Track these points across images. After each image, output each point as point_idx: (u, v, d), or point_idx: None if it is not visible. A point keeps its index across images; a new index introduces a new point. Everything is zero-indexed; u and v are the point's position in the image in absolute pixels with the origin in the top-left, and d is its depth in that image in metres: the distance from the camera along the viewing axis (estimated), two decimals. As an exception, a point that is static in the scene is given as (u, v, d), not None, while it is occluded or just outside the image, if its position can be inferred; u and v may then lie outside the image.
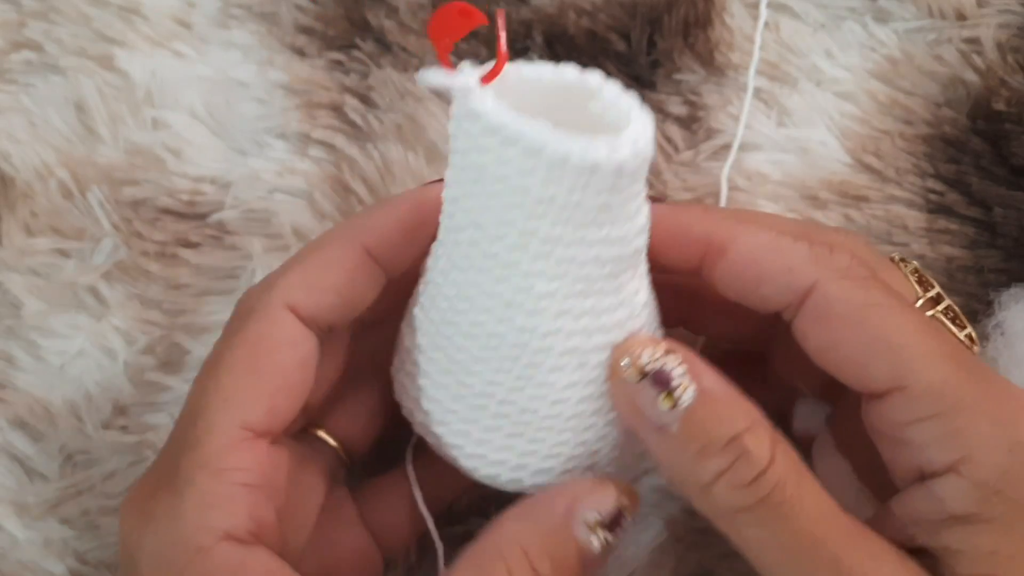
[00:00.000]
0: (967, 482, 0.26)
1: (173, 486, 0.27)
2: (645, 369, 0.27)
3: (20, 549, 0.37)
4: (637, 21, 0.44)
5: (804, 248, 0.28)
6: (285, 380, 0.29)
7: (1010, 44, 0.43)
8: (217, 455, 0.27)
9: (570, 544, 0.28)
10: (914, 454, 0.27)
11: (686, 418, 0.26)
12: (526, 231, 0.26)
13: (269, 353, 0.29)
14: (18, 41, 0.44)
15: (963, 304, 0.39)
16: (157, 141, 0.42)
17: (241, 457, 0.27)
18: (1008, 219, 0.40)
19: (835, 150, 0.42)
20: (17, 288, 0.40)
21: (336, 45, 0.44)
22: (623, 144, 0.24)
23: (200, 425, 0.28)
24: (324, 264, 0.30)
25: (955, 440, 0.26)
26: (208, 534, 0.26)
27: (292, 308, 0.29)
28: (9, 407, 0.39)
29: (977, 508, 0.26)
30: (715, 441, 0.26)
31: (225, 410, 0.28)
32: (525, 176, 0.25)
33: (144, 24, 0.44)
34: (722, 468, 0.26)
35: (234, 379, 0.28)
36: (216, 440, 0.27)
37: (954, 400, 0.26)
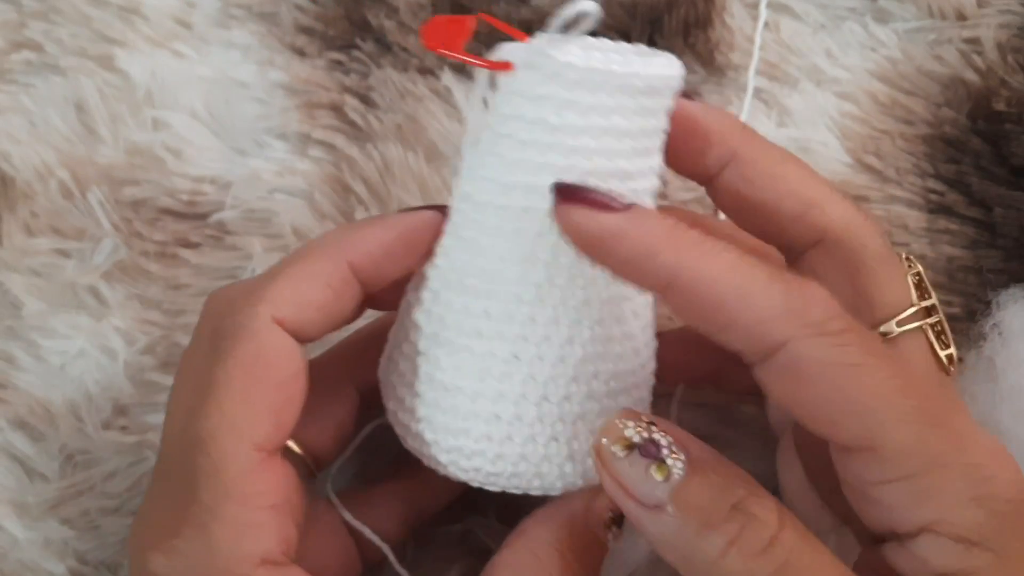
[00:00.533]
0: (946, 540, 0.25)
1: (199, 520, 0.26)
2: (632, 441, 0.25)
3: (20, 549, 0.37)
4: (637, 21, 0.44)
5: (777, 298, 0.25)
6: (286, 395, 0.29)
7: (1010, 44, 0.43)
8: (239, 482, 0.27)
9: (591, 541, 0.29)
10: (884, 514, 0.26)
11: (680, 490, 0.25)
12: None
13: (267, 370, 0.28)
14: (18, 41, 0.44)
15: (963, 304, 0.39)
16: (157, 141, 0.42)
17: (262, 480, 0.27)
18: (1008, 219, 0.40)
19: (835, 150, 0.42)
20: (17, 288, 0.40)
21: (336, 45, 0.44)
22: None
23: (214, 454, 0.27)
24: (310, 278, 0.29)
25: (927, 502, 0.25)
26: (245, 563, 0.26)
27: (279, 322, 0.29)
28: (9, 407, 0.39)
29: (961, 564, 0.25)
30: (718, 511, 0.24)
31: (236, 435, 0.27)
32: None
33: (144, 24, 0.44)
34: (731, 538, 0.24)
35: (238, 402, 0.27)
36: (234, 467, 0.27)
37: (924, 460, 0.25)
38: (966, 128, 0.42)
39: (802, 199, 0.30)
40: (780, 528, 0.24)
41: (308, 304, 0.29)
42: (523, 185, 0.27)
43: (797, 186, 0.30)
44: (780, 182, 0.30)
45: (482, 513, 0.37)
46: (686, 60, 0.43)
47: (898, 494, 0.26)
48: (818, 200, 0.30)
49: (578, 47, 0.27)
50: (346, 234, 0.30)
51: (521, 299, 0.28)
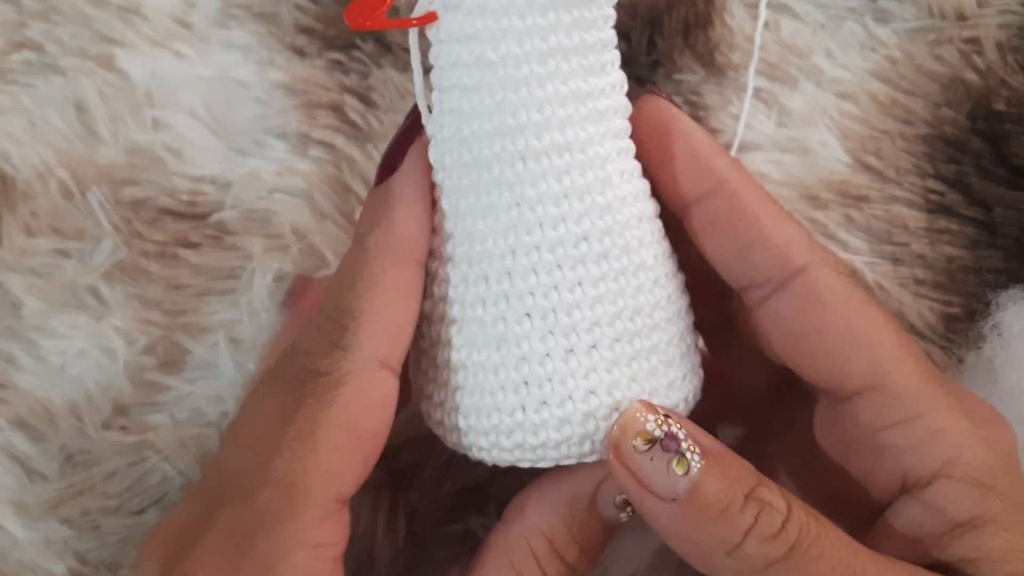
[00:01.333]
0: (962, 484, 0.25)
1: (264, 563, 0.25)
2: (653, 436, 0.25)
3: (20, 549, 0.37)
4: (637, 21, 0.44)
5: (804, 232, 0.28)
6: (378, 445, 0.27)
7: (1010, 44, 0.43)
8: (313, 531, 0.26)
9: (595, 524, 0.28)
10: (895, 460, 0.26)
11: (699, 482, 0.25)
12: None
13: (367, 420, 0.27)
14: (18, 41, 0.44)
15: (963, 304, 0.40)
16: (157, 141, 0.42)
17: (333, 531, 0.26)
18: (1008, 219, 0.40)
19: (835, 150, 0.42)
20: (17, 288, 0.40)
21: (336, 45, 0.44)
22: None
23: (297, 500, 0.26)
24: (397, 300, 0.28)
25: (939, 442, 0.26)
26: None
27: (384, 364, 0.27)
28: (9, 407, 0.39)
29: (979, 510, 0.25)
30: (735, 500, 0.25)
31: (325, 486, 0.26)
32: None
33: (144, 24, 0.44)
34: (748, 525, 0.25)
35: (336, 452, 0.26)
36: (312, 513, 0.26)
37: (930, 403, 0.26)
38: (966, 128, 0.42)
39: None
40: (789, 511, 0.25)
41: (402, 327, 0.28)
42: (485, 132, 0.26)
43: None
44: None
45: (482, 513, 0.37)
46: (686, 60, 0.43)
47: (910, 435, 0.26)
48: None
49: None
50: (396, 230, 0.28)
51: (515, 252, 0.27)
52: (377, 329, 0.27)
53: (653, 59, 0.43)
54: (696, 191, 0.28)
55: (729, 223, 0.27)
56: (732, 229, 0.27)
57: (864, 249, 0.40)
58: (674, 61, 0.43)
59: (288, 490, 0.26)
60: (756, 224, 0.27)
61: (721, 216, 0.27)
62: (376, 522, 0.38)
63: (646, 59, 0.43)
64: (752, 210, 0.27)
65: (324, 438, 0.26)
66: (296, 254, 0.40)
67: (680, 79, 0.43)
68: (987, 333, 0.37)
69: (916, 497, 0.26)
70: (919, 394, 0.26)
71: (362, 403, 0.27)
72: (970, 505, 0.25)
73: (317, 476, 0.26)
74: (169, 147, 0.42)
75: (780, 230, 0.27)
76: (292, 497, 0.26)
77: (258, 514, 0.26)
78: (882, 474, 0.27)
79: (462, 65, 0.26)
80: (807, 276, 0.27)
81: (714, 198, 0.27)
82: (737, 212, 0.27)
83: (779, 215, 0.28)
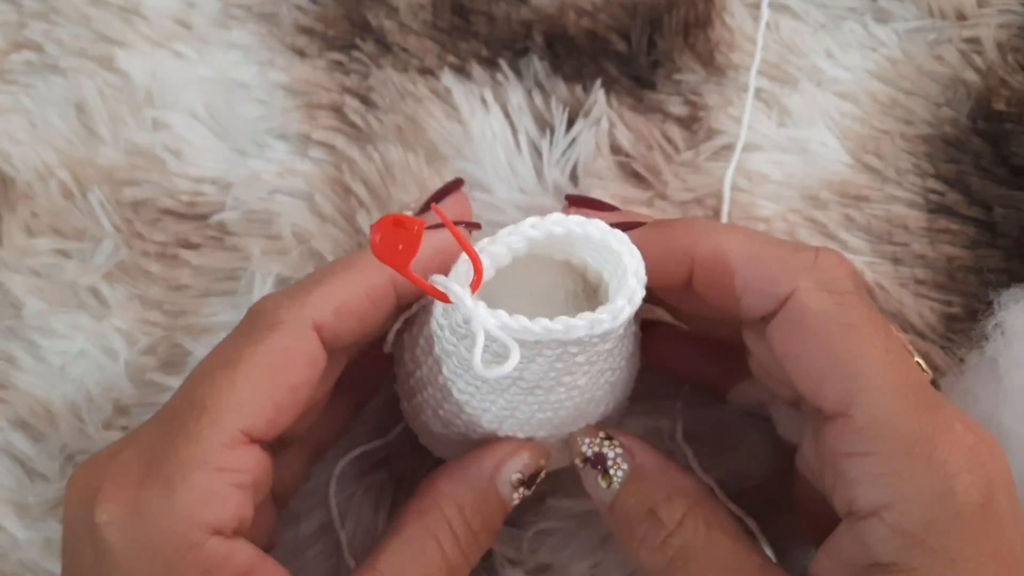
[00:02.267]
0: (889, 530, 0.26)
1: (168, 479, 0.27)
2: (585, 455, 0.32)
3: (21, 549, 0.37)
4: (637, 21, 0.44)
5: (787, 254, 0.29)
6: (294, 397, 0.29)
7: (1010, 44, 0.43)
8: (218, 454, 0.28)
9: (494, 499, 0.32)
10: (846, 488, 0.27)
11: (617, 497, 0.31)
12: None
13: (287, 369, 0.29)
14: (18, 41, 0.44)
15: (963, 304, 0.39)
16: (158, 142, 0.42)
17: (237, 459, 0.28)
18: (1008, 219, 0.40)
19: (835, 150, 0.42)
20: (18, 288, 0.40)
21: (336, 45, 0.44)
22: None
23: (204, 421, 0.28)
24: (356, 288, 0.31)
25: (884, 484, 0.26)
26: (199, 529, 0.27)
27: (318, 327, 0.30)
28: (10, 407, 0.39)
29: (898, 558, 0.26)
30: (637, 515, 0.30)
31: (234, 412, 0.28)
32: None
33: (144, 24, 0.44)
34: (641, 535, 0.30)
35: (250, 386, 0.28)
36: (218, 438, 0.28)
37: (893, 442, 0.26)
38: (966, 128, 0.42)
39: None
40: (677, 526, 0.30)
41: (349, 313, 0.30)
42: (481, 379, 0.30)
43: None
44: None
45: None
46: (686, 60, 0.43)
47: (861, 469, 0.27)
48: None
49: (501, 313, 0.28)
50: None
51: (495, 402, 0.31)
52: (325, 298, 0.30)
53: (653, 59, 0.43)
54: (682, 275, 0.31)
55: (714, 281, 0.30)
56: (718, 284, 0.30)
57: (864, 249, 0.40)
58: (674, 61, 0.43)
59: (199, 413, 0.28)
60: (736, 273, 0.29)
61: (708, 278, 0.30)
62: (376, 523, 0.38)
63: (646, 59, 0.43)
64: (730, 260, 0.29)
65: (244, 371, 0.28)
66: (296, 257, 0.40)
67: (680, 79, 0.43)
68: (990, 332, 0.37)
69: (852, 527, 0.27)
70: (882, 431, 0.26)
71: (288, 349, 0.29)
72: (892, 552, 0.26)
73: (228, 403, 0.28)
74: (169, 147, 0.42)
75: (761, 269, 0.29)
76: (202, 419, 0.28)
77: (169, 433, 0.28)
78: (835, 496, 0.28)
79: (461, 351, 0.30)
80: (793, 301, 0.28)
81: (701, 267, 0.30)
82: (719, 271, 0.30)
83: (758, 249, 0.29)
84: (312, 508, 0.38)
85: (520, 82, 0.43)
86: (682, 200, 0.41)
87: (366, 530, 0.38)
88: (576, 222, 0.29)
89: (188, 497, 0.27)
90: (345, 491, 0.38)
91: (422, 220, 0.27)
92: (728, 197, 0.41)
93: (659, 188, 0.41)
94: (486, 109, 0.42)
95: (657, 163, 0.42)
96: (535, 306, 0.34)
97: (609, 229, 0.29)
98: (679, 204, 0.41)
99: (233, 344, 0.29)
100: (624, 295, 0.28)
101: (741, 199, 0.41)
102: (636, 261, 0.29)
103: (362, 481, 0.38)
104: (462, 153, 0.42)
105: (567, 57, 0.43)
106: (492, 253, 0.29)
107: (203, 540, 0.27)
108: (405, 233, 0.26)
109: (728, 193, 0.41)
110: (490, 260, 0.29)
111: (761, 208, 0.41)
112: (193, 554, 0.26)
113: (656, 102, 0.43)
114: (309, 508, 0.38)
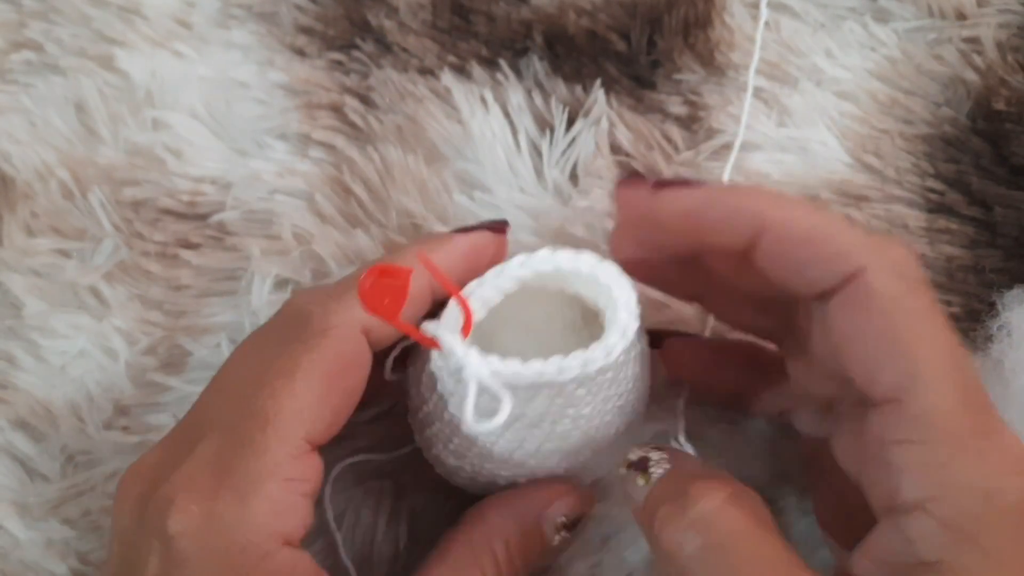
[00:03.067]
0: (936, 524, 0.25)
1: (241, 489, 0.27)
2: (630, 461, 0.31)
3: (22, 549, 0.37)
4: (637, 21, 0.44)
5: (858, 233, 0.28)
6: (350, 401, 0.30)
7: (1010, 44, 0.43)
8: (286, 464, 0.28)
9: (538, 537, 0.32)
10: (891, 478, 0.26)
11: (653, 488, 0.29)
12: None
13: (344, 374, 0.30)
14: (18, 41, 0.44)
15: (963, 304, 0.40)
16: (157, 142, 0.42)
17: (304, 468, 0.28)
18: (1008, 219, 0.40)
19: (835, 150, 0.42)
20: (18, 288, 0.40)
21: (336, 45, 0.44)
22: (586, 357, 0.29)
23: (270, 432, 0.28)
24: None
25: (932, 475, 0.25)
26: (273, 540, 0.27)
27: (366, 331, 0.30)
28: (10, 407, 0.39)
29: (945, 555, 0.25)
30: (670, 496, 0.28)
31: (298, 422, 0.28)
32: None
33: (144, 24, 0.44)
34: (668, 515, 0.28)
35: (310, 395, 0.29)
36: (285, 449, 0.28)
37: (945, 434, 0.25)
38: (966, 128, 0.42)
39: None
40: (718, 510, 0.27)
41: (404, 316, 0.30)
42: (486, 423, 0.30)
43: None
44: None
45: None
46: (686, 60, 0.43)
47: (909, 458, 0.26)
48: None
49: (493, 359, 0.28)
50: (431, 244, 0.32)
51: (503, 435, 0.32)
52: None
53: (653, 59, 0.43)
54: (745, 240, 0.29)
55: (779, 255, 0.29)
56: (784, 260, 0.29)
57: (864, 249, 0.40)
58: (674, 61, 0.43)
59: (265, 424, 0.28)
60: (805, 246, 0.28)
61: (774, 246, 0.29)
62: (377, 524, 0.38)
63: (646, 59, 0.43)
64: (800, 229, 0.28)
65: (303, 379, 0.29)
66: (296, 257, 0.40)
67: (680, 79, 0.43)
68: (995, 333, 0.37)
69: (895, 523, 0.26)
70: (937, 419, 0.25)
71: (342, 354, 0.29)
72: (938, 548, 0.25)
73: (292, 413, 0.28)
74: (169, 147, 0.42)
75: (831, 242, 0.28)
76: (268, 430, 0.28)
77: (237, 444, 0.28)
78: (876, 490, 0.27)
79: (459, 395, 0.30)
80: (860, 280, 0.27)
81: (769, 233, 0.28)
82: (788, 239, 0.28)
83: (828, 224, 0.28)
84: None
85: (520, 82, 0.43)
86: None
87: (365, 533, 0.38)
88: (564, 258, 0.30)
89: (261, 508, 0.27)
90: (344, 493, 0.38)
91: (409, 268, 0.28)
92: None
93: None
94: (486, 109, 0.42)
95: (657, 163, 0.42)
96: (532, 338, 0.34)
97: (598, 262, 0.30)
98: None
99: (288, 351, 0.29)
100: (616, 330, 0.29)
101: (741, 199, 0.41)
102: (627, 293, 0.29)
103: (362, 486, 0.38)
104: (462, 153, 0.42)
105: (567, 57, 0.43)
106: (481, 296, 0.30)
107: (275, 550, 0.27)
108: (393, 282, 0.26)
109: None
110: (480, 303, 0.29)
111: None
112: (265, 564, 0.27)
113: (656, 102, 0.43)
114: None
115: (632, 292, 0.29)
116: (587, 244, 0.40)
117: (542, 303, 0.33)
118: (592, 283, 0.30)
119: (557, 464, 0.33)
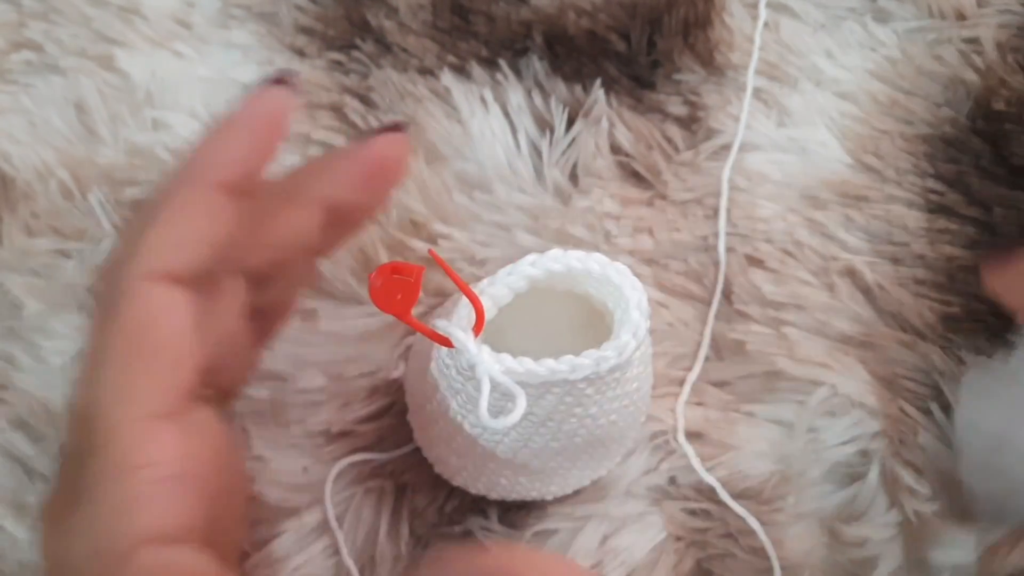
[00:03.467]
0: None
1: (89, 496, 0.25)
2: None
3: (20, 549, 0.37)
4: (637, 21, 0.44)
5: None
6: (172, 354, 0.26)
7: (1010, 44, 0.43)
8: (127, 455, 0.25)
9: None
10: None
11: None
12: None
13: (145, 334, 0.26)
14: (18, 41, 0.44)
15: (963, 304, 0.39)
16: (157, 142, 0.42)
17: (150, 451, 0.25)
18: (1008, 219, 0.40)
19: (835, 150, 0.42)
20: (18, 289, 0.40)
21: (336, 45, 0.44)
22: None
23: (101, 427, 0.25)
24: (183, 217, 0.27)
25: None
26: (125, 541, 0.24)
27: (164, 274, 0.27)
28: (10, 407, 0.39)
29: None
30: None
31: (122, 406, 0.25)
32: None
33: (144, 24, 0.44)
34: None
35: (120, 372, 0.26)
36: (122, 440, 0.25)
37: None
38: (966, 128, 0.42)
39: None
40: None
41: (191, 243, 0.27)
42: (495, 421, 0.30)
43: None
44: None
45: (484, 515, 0.37)
46: (686, 60, 0.43)
47: None
48: None
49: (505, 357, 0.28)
50: (201, 157, 0.28)
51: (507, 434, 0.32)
52: (159, 240, 0.27)
53: (653, 59, 0.43)
54: None
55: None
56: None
57: (864, 249, 0.40)
58: (674, 61, 0.43)
59: (93, 420, 0.25)
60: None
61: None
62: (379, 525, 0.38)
63: (646, 59, 0.43)
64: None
65: (109, 360, 0.26)
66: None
67: (680, 79, 0.43)
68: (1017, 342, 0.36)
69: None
70: None
71: (132, 317, 0.26)
72: None
73: (109, 399, 0.25)
74: (169, 147, 0.42)
75: None
76: (96, 427, 0.25)
77: (82, 450, 0.25)
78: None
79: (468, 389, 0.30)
80: None
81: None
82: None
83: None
84: (312, 503, 0.38)
85: (520, 82, 0.43)
86: (682, 200, 0.41)
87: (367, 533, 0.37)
88: (576, 257, 0.30)
89: (106, 510, 0.25)
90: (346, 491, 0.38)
91: (421, 267, 0.26)
92: (726, 196, 0.41)
93: (659, 188, 0.41)
94: (486, 109, 0.42)
95: (657, 163, 0.42)
96: (541, 336, 0.34)
97: (609, 262, 0.30)
98: (679, 204, 0.41)
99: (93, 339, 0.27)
100: (628, 330, 0.29)
101: (741, 199, 0.41)
102: (638, 294, 0.29)
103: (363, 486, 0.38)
104: (462, 153, 0.42)
105: (567, 57, 0.43)
106: (493, 295, 0.29)
107: (129, 551, 0.24)
108: (404, 280, 0.26)
109: (726, 192, 0.41)
110: (492, 301, 0.29)
111: (761, 208, 0.41)
112: (121, 568, 0.24)
113: (656, 102, 0.43)
114: (309, 503, 0.38)
115: (643, 293, 0.29)
116: (587, 244, 0.40)
117: (550, 302, 0.33)
118: (603, 283, 0.30)
119: (559, 464, 0.33)
